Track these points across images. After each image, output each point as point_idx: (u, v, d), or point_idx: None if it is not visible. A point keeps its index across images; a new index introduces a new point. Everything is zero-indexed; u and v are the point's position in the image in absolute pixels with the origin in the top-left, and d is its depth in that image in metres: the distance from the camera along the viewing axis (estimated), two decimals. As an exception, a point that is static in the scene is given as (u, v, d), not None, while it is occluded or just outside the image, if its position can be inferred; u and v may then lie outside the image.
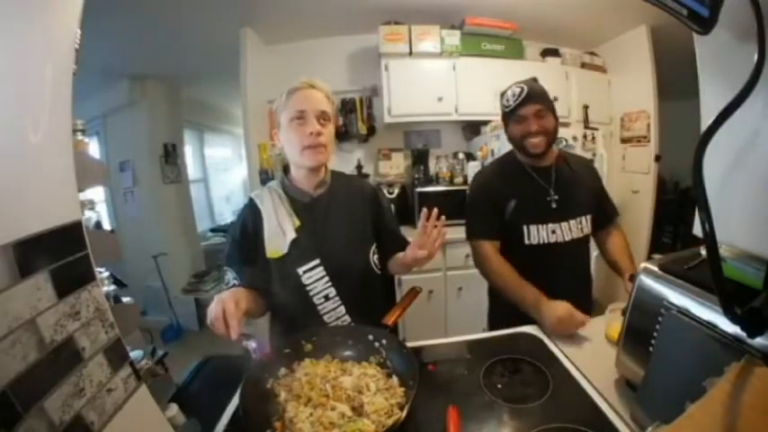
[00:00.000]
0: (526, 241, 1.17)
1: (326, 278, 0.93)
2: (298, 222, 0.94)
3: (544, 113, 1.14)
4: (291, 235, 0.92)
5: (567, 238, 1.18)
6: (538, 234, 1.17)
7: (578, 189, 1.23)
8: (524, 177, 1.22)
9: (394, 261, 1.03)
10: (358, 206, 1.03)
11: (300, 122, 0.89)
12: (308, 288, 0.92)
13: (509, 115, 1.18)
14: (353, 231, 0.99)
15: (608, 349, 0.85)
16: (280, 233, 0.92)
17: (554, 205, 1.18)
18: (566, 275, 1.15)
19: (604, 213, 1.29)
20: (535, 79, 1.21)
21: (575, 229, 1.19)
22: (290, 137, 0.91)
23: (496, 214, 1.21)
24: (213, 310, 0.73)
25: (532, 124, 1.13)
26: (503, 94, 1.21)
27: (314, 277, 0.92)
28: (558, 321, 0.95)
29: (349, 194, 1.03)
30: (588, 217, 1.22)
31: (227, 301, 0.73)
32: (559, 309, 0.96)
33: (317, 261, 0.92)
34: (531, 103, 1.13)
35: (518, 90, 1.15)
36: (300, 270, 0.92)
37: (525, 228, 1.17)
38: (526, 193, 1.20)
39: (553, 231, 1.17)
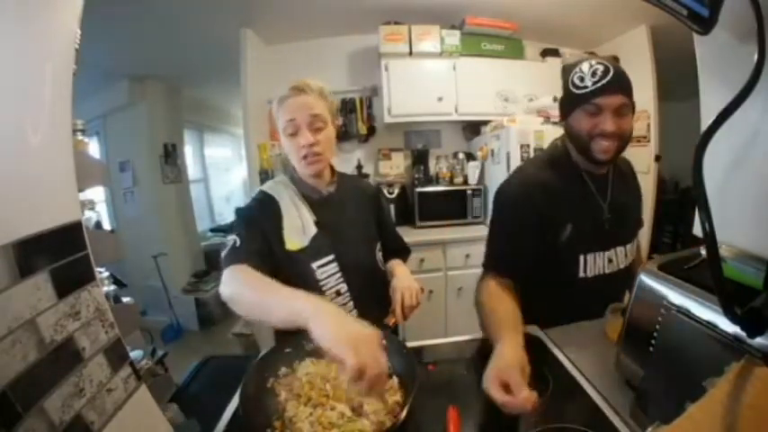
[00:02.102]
0: (581, 274, 0.94)
1: (339, 274, 0.93)
2: (315, 217, 0.94)
3: (626, 111, 0.86)
4: (313, 230, 0.93)
5: (621, 266, 0.97)
6: (594, 264, 0.93)
7: (630, 208, 1.01)
8: (581, 189, 0.95)
9: (389, 269, 1.04)
10: (364, 205, 1.05)
11: (292, 134, 0.89)
12: (322, 283, 0.92)
13: (578, 99, 0.86)
14: (362, 229, 1.01)
15: (608, 349, 0.85)
16: (300, 227, 0.92)
17: (607, 226, 0.95)
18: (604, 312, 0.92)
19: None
20: (616, 59, 0.91)
21: (629, 254, 0.98)
22: (287, 146, 0.93)
23: (537, 239, 0.91)
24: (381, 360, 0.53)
25: (609, 122, 0.84)
26: (572, 67, 0.89)
27: (327, 272, 0.93)
28: (495, 372, 0.63)
29: (355, 193, 1.05)
30: (636, 239, 1.02)
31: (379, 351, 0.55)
32: (510, 359, 0.65)
33: (331, 257, 0.93)
34: (615, 93, 0.83)
35: (601, 68, 0.83)
36: (315, 265, 0.92)
37: (582, 258, 0.93)
38: (583, 214, 0.93)
39: (610, 260, 0.95)
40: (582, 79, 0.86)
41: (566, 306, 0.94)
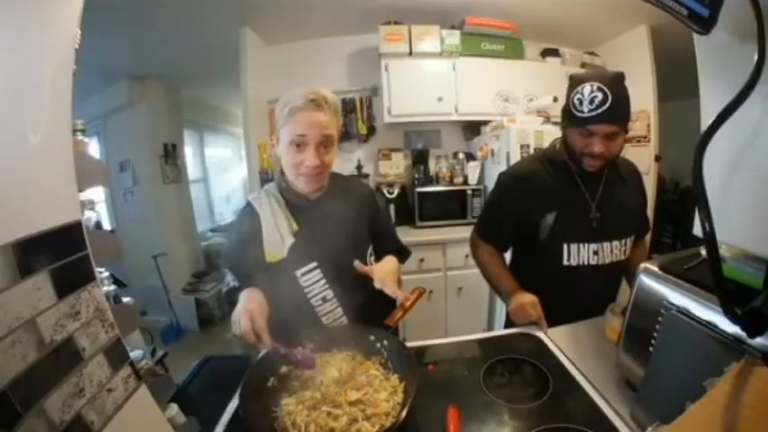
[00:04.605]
0: (565, 262, 1.04)
1: (324, 280, 0.93)
2: (296, 227, 0.93)
3: (616, 136, 0.94)
4: (290, 240, 0.91)
5: (607, 260, 1.05)
6: (578, 254, 1.03)
7: (626, 206, 1.07)
8: (569, 185, 1.05)
9: None
10: (354, 208, 1.02)
11: (299, 149, 0.86)
12: (307, 291, 0.92)
13: (574, 120, 0.96)
14: (350, 233, 0.98)
15: (608, 349, 0.85)
16: (278, 238, 0.92)
17: (594, 224, 1.03)
18: (598, 301, 1.01)
19: (640, 230, 1.17)
20: (622, 77, 0.94)
21: (617, 250, 1.05)
22: (287, 158, 0.89)
23: (519, 227, 1.09)
24: (242, 324, 0.72)
25: (599, 144, 0.93)
26: (577, 83, 0.95)
27: (312, 280, 0.92)
28: (520, 305, 0.98)
29: (346, 196, 1.02)
30: (633, 237, 1.09)
31: (254, 313, 0.73)
32: (526, 297, 0.99)
33: (314, 264, 0.92)
34: (609, 123, 0.91)
35: (600, 97, 0.90)
36: (298, 273, 0.92)
37: (566, 246, 1.03)
38: (568, 206, 1.03)
39: (595, 252, 1.03)
40: (581, 102, 0.93)
41: (555, 292, 1.00)
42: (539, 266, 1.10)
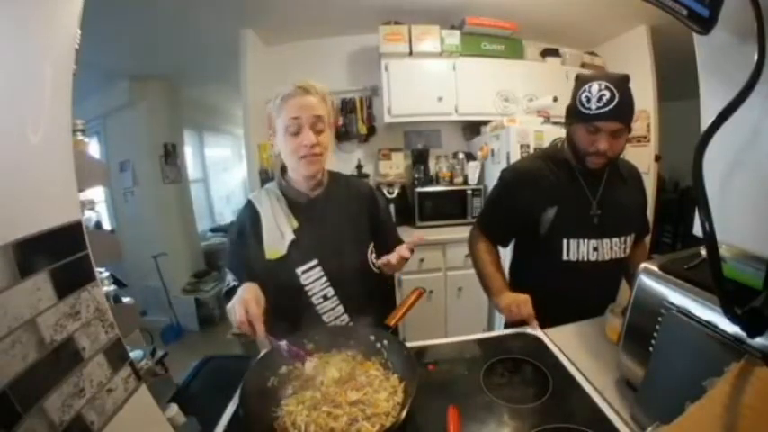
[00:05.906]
0: (564, 257, 1.05)
1: (325, 278, 0.93)
2: (296, 224, 0.94)
3: (621, 134, 0.98)
4: (290, 237, 0.92)
5: (607, 257, 1.06)
6: (578, 250, 1.04)
7: (626, 205, 1.09)
8: (571, 182, 1.07)
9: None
10: (354, 206, 1.03)
11: (295, 132, 0.89)
12: (307, 288, 0.93)
13: (581, 117, 0.97)
14: (350, 231, 0.99)
15: (608, 349, 0.85)
16: (278, 235, 0.92)
17: (595, 221, 1.05)
18: (598, 297, 1.03)
19: (640, 230, 1.18)
20: (627, 79, 0.96)
21: (616, 248, 1.06)
22: (285, 146, 0.91)
23: (520, 222, 1.10)
24: (237, 313, 0.74)
25: (603, 142, 0.96)
26: (584, 82, 0.98)
27: (312, 277, 0.93)
28: (513, 302, 0.97)
29: (346, 195, 1.03)
30: (633, 236, 1.10)
31: (249, 303, 0.74)
32: (520, 296, 0.99)
33: (314, 261, 0.93)
34: (615, 120, 0.94)
35: (607, 95, 0.93)
36: (299, 270, 0.92)
37: (565, 241, 1.05)
38: (569, 201, 1.05)
39: (595, 248, 1.04)
40: (588, 100, 0.95)
41: (555, 288, 1.01)
42: (539, 262, 1.11)
